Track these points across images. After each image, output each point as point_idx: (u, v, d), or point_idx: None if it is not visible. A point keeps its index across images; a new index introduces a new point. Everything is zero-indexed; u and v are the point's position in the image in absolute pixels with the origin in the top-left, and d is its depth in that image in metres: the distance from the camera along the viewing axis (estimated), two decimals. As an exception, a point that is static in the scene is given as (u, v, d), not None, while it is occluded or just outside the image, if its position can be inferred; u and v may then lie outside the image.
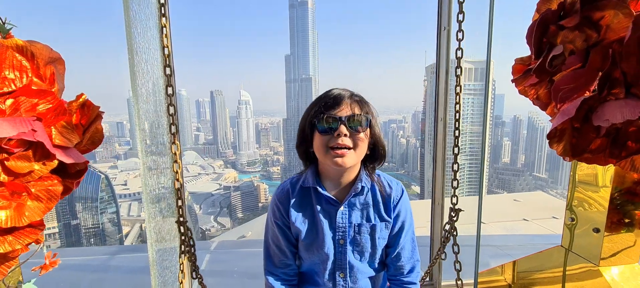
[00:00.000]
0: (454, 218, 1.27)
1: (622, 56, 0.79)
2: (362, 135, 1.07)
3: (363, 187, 1.16)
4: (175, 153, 0.90)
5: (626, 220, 1.15)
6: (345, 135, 1.04)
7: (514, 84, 1.14)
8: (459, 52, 1.11)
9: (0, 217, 0.65)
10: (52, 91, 0.74)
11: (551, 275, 1.51)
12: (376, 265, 1.24)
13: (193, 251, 1.02)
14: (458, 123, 1.18)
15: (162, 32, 0.93)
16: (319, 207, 1.16)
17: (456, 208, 1.24)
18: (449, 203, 1.32)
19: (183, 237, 0.99)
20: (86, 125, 0.79)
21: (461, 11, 1.08)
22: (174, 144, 0.90)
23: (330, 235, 1.16)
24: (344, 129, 1.03)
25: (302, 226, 1.17)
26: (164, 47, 0.90)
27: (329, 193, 1.16)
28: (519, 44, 1.11)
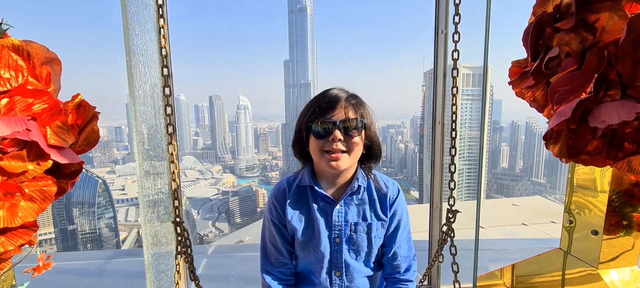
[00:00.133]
0: (452, 220, 1.27)
1: (618, 58, 0.80)
2: (356, 139, 1.08)
3: (359, 186, 1.16)
4: (172, 154, 0.90)
5: (624, 223, 1.15)
6: (340, 139, 1.05)
7: (511, 86, 1.14)
8: (456, 54, 1.13)
9: (-7, 217, 0.64)
10: (48, 91, 0.74)
11: (550, 278, 1.51)
12: (372, 264, 1.24)
13: (190, 252, 1.01)
14: (455, 124, 1.19)
15: (160, 33, 0.93)
16: (315, 206, 1.17)
17: (453, 209, 1.25)
18: (447, 207, 1.33)
19: (180, 238, 0.98)
20: (82, 125, 0.79)
21: (457, 13, 1.10)
22: (170, 144, 0.89)
23: (327, 234, 1.16)
24: (338, 134, 1.04)
25: (298, 224, 1.17)
26: (161, 48, 0.90)
27: (326, 191, 1.17)
28: (517, 51, 1.11)
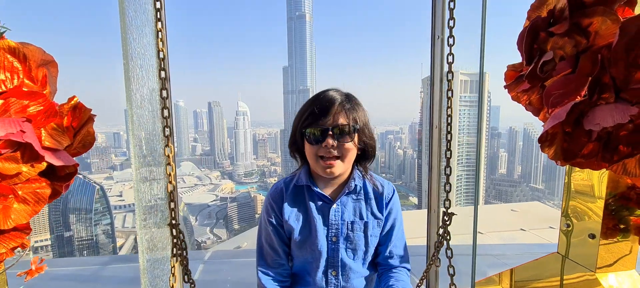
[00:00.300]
0: (447, 223, 1.27)
1: (611, 61, 0.81)
2: (348, 145, 1.09)
3: (356, 185, 1.18)
4: (168, 156, 0.90)
5: (621, 226, 1.15)
6: (333, 146, 1.07)
7: (507, 90, 1.15)
8: (450, 58, 1.14)
9: (-14, 219, 0.63)
10: (44, 93, 0.74)
11: (548, 283, 1.50)
12: (368, 264, 1.24)
13: (185, 254, 1.01)
14: (450, 127, 1.20)
15: (158, 37, 0.93)
16: (312, 205, 1.18)
17: (449, 212, 1.25)
18: (443, 210, 1.33)
19: (175, 240, 0.98)
20: (77, 127, 0.79)
21: (452, 18, 1.12)
22: (167, 147, 0.89)
23: (324, 233, 1.17)
24: (330, 141, 1.06)
25: (295, 224, 1.18)
26: (159, 52, 0.91)
27: (323, 191, 1.18)
28: (514, 59, 1.12)
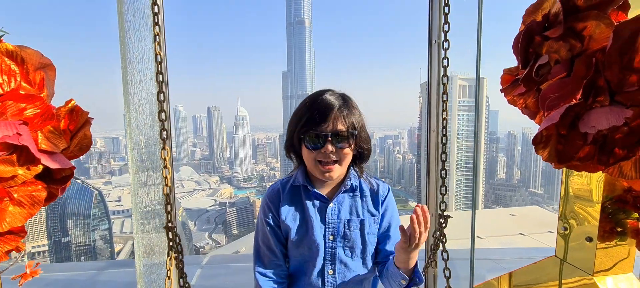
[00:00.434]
0: (443, 225, 1.27)
1: (605, 65, 0.81)
2: (346, 150, 1.13)
3: (352, 184, 1.21)
4: (165, 159, 0.89)
5: (618, 229, 1.15)
6: (332, 151, 1.09)
7: (503, 94, 1.16)
8: (446, 61, 1.16)
9: (-20, 222, 0.63)
10: (41, 96, 0.74)
11: (547, 287, 1.49)
12: (366, 263, 1.25)
13: (181, 257, 1.00)
14: (445, 130, 1.21)
15: (155, 40, 0.94)
16: (309, 204, 1.19)
17: (445, 215, 1.25)
18: (438, 212, 1.33)
19: (171, 243, 0.98)
20: (74, 130, 0.79)
21: (446, 22, 1.13)
22: (164, 149, 0.89)
23: (321, 232, 1.18)
24: (330, 147, 1.09)
25: (292, 223, 1.19)
26: (156, 55, 0.91)
27: (319, 191, 1.20)
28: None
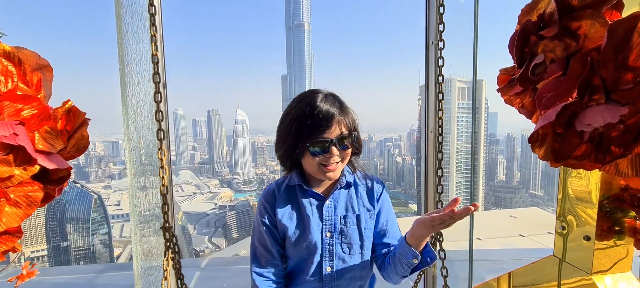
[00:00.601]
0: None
1: (600, 63, 0.82)
2: (349, 150, 1.16)
3: (347, 181, 1.23)
4: (161, 159, 0.90)
5: (616, 228, 1.15)
6: (337, 154, 1.12)
7: (500, 93, 1.16)
8: (441, 61, 1.16)
9: (-23, 223, 0.63)
10: (38, 97, 0.74)
11: (546, 287, 1.49)
12: (364, 259, 1.25)
13: (178, 258, 1.00)
14: (441, 129, 1.22)
15: (152, 41, 0.94)
16: (305, 203, 1.20)
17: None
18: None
19: (168, 243, 0.97)
20: (71, 131, 0.79)
21: (441, 22, 1.14)
22: (160, 149, 0.89)
23: (318, 229, 1.19)
24: (335, 150, 1.11)
25: (289, 222, 1.19)
26: (153, 55, 0.91)
27: (315, 190, 1.22)
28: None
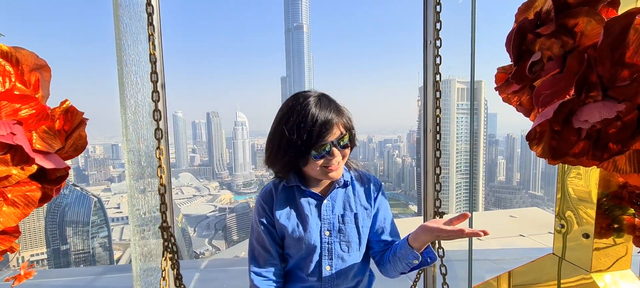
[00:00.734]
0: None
1: (597, 60, 0.82)
2: (348, 149, 1.17)
3: (344, 180, 1.23)
4: (159, 158, 0.89)
5: (615, 226, 1.15)
6: (337, 155, 1.13)
7: (498, 92, 1.17)
8: (438, 60, 1.17)
9: (-26, 222, 0.63)
10: (36, 97, 0.74)
11: (546, 287, 1.49)
12: (362, 257, 1.26)
13: (176, 259, 1.00)
14: (439, 127, 1.23)
15: (149, 40, 0.95)
16: (303, 202, 1.20)
17: (439, 211, 1.26)
18: (433, 209, 1.34)
19: (166, 243, 0.97)
20: (69, 131, 0.79)
21: (438, 20, 1.14)
22: (158, 149, 0.89)
23: (317, 229, 1.19)
24: (336, 151, 1.12)
25: (287, 222, 1.19)
26: (150, 55, 0.92)
27: (313, 190, 1.22)
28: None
